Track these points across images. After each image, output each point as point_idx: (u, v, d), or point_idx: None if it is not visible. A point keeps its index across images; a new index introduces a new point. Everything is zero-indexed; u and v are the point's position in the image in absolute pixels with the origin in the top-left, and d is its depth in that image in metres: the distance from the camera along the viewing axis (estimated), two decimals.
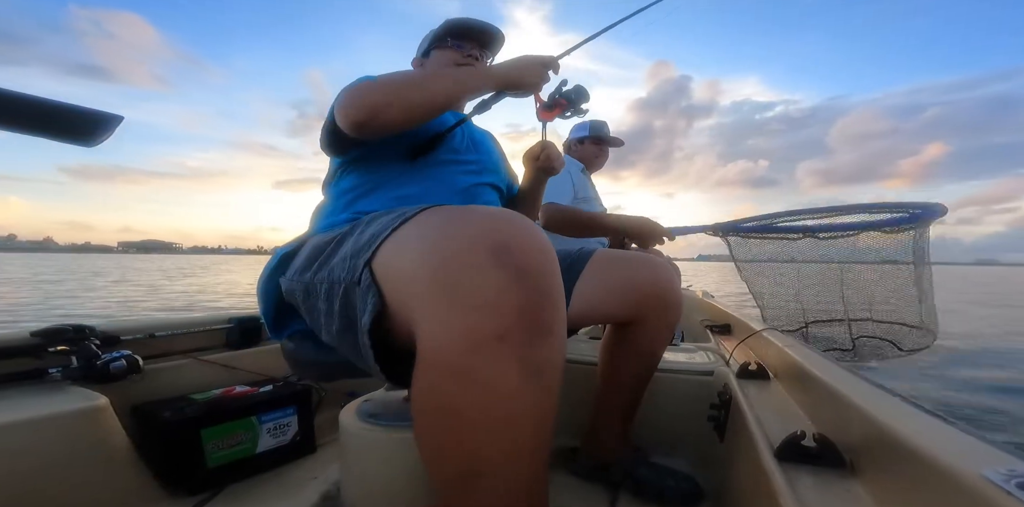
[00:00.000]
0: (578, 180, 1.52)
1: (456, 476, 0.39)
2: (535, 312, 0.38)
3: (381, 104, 0.61)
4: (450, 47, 0.83)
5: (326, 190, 0.78)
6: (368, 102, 0.61)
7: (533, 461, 0.40)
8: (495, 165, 0.85)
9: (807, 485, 0.47)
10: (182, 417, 0.80)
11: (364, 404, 0.75)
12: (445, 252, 0.40)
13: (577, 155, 1.68)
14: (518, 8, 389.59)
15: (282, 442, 0.92)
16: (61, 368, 0.79)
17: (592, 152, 1.68)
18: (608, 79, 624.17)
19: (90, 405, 0.73)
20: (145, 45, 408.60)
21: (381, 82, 0.63)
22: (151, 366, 0.92)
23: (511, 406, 0.37)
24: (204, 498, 0.79)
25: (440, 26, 0.83)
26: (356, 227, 0.56)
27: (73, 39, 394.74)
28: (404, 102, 0.62)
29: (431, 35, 0.85)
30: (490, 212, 0.43)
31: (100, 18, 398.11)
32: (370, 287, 0.46)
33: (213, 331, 1.09)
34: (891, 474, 0.43)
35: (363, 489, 0.70)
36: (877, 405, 0.51)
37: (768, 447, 0.55)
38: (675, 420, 0.97)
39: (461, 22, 0.82)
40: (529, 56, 0.71)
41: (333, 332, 0.53)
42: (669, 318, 0.83)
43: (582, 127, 1.69)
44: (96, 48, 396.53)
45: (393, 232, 0.47)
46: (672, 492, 0.79)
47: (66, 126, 0.30)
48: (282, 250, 0.68)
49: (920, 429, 0.43)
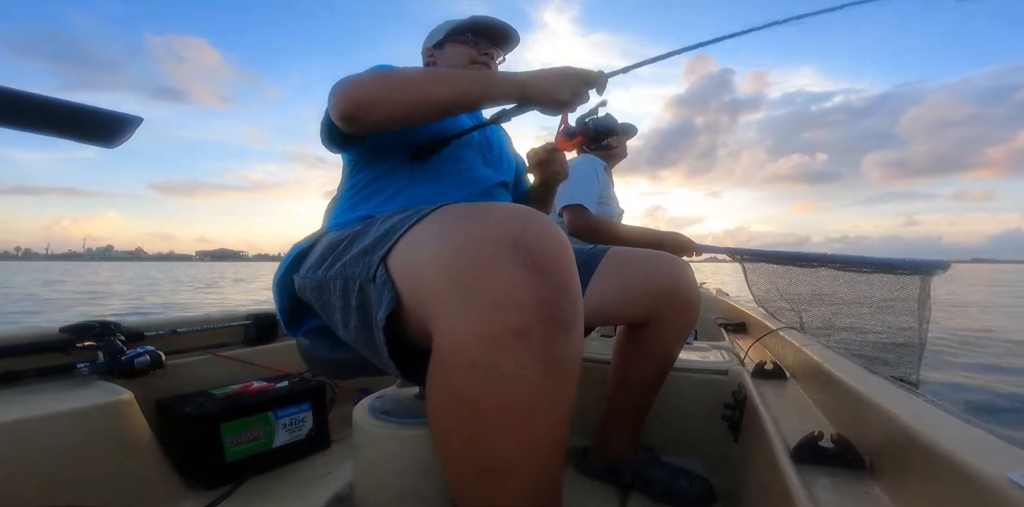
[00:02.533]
0: (603, 179, 1.50)
1: (473, 473, 0.39)
2: (554, 308, 0.38)
3: (367, 101, 0.59)
4: (468, 42, 0.82)
5: (341, 188, 0.78)
6: (355, 97, 0.59)
7: (550, 459, 0.40)
8: (509, 163, 0.85)
9: (824, 487, 0.46)
10: (203, 412, 0.83)
11: (376, 401, 0.76)
12: (463, 248, 0.40)
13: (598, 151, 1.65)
14: (547, 10, 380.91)
15: (297, 437, 0.94)
16: (88, 363, 0.82)
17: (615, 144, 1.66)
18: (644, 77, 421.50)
19: (116, 399, 0.75)
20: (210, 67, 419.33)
21: (377, 78, 0.61)
22: (173, 361, 0.95)
23: (530, 403, 0.37)
24: (224, 492, 0.81)
25: (461, 21, 0.82)
26: (371, 225, 0.57)
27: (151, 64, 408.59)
28: (394, 103, 0.59)
29: (447, 27, 0.83)
30: (507, 208, 0.43)
31: (172, 43, 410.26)
32: (386, 283, 0.46)
33: (232, 328, 1.12)
34: (912, 476, 0.42)
35: (375, 485, 0.71)
36: (898, 405, 0.50)
37: (784, 448, 0.54)
38: (688, 420, 0.95)
39: (485, 20, 0.82)
40: (571, 69, 0.64)
41: (350, 328, 0.53)
42: (687, 318, 0.81)
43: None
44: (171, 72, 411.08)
45: (409, 229, 0.47)
46: (684, 493, 0.78)
47: (90, 128, 0.31)
48: (297, 248, 0.69)
49: (942, 430, 0.42)
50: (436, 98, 0.60)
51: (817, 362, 0.77)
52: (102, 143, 0.31)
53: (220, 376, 1.01)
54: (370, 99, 0.59)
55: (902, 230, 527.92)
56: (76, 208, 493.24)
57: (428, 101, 0.60)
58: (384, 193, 0.71)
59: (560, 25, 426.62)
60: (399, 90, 0.60)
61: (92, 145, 0.31)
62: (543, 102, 0.64)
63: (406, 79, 0.62)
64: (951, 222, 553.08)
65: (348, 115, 0.59)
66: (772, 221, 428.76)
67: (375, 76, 0.61)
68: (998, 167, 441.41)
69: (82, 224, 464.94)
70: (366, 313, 0.50)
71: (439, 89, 0.61)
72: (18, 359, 0.79)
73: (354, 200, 0.72)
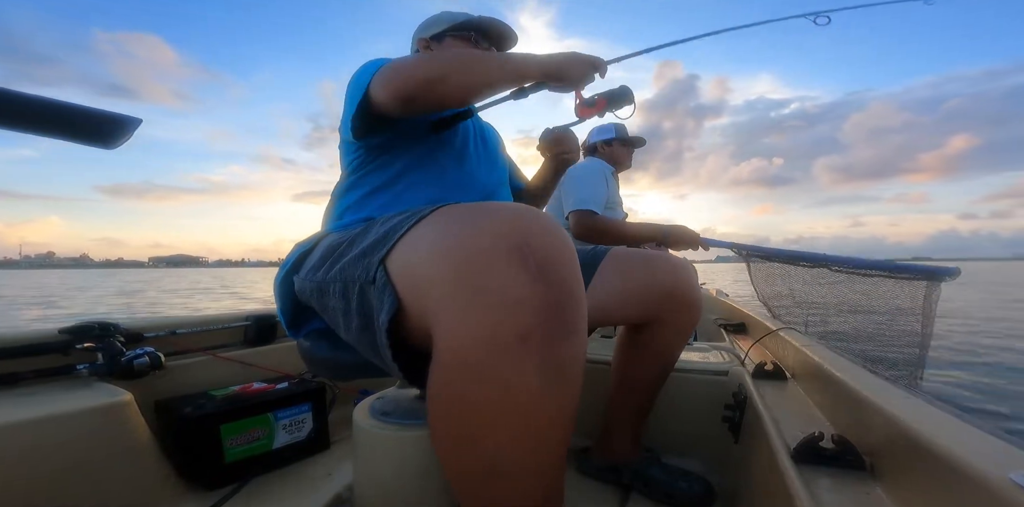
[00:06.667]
0: (611, 184, 1.50)
1: (474, 476, 0.39)
2: (558, 311, 0.37)
3: (436, 77, 0.60)
4: (470, 40, 0.83)
5: (339, 189, 0.78)
6: (421, 75, 0.60)
7: (552, 461, 0.40)
8: (502, 163, 0.85)
9: (825, 487, 0.46)
10: (202, 413, 0.82)
11: (376, 402, 0.76)
12: (464, 250, 0.39)
13: (606, 157, 1.63)
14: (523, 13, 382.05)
15: (297, 438, 0.94)
16: (88, 365, 0.82)
17: (622, 154, 1.65)
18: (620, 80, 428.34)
19: (115, 400, 0.75)
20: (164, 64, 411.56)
21: (430, 58, 0.62)
22: (172, 362, 0.95)
23: (533, 406, 0.37)
24: (224, 494, 0.81)
25: (467, 19, 0.83)
26: (370, 227, 0.56)
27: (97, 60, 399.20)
28: (459, 78, 0.61)
29: (449, 21, 0.83)
30: (509, 208, 0.42)
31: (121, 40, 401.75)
32: (386, 286, 0.46)
33: (231, 329, 1.11)
34: (913, 476, 0.42)
35: (375, 486, 0.71)
36: (899, 406, 0.50)
37: (784, 448, 0.54)
38: (689, 420, 0.95)
39: (491, 21, 0.83)
40: (578, 53, 0.69)
41: (351, 330, 0.53)
42: (688, 320, 0.81)
43: (606, 129, 1.65)
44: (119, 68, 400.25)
45: (409, 230, 0.47)
46: (684, 494, 0.78)
47: (88, 129, 0.31)
48: (298, 250, 0.69)
49: (944, 430, 0.42)
50: (488, 79, 0.62)
51: (817, 363, 0.77)
52: (101, 144, 0.31)
53: (220, 377, 1.00)
54: (439, 75, 0.60)
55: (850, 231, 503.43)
56: (10, 212, 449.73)
57: (483, 82, 0.62)
58: (386, 194, 0.71)
59: (536, 29, 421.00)
60: (459, 70, 0.61)
61: (91, 146, 0.31)
62: (561, 79, 0.67)
63: (460, 59, 0.63)
64: (892, 223, 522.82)
65: (413, 94, 0.60)
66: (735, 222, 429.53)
67: (431, 57, 0.63)
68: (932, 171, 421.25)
69: (18, 229, 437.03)
70: (367, 315, 0.50)
71: (489, 71, 0.62)
72: (17, 360, 0.78)
73: (355, 201, 0.72)
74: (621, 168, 1.67)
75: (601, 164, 1.54)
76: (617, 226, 1.36)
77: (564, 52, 0.68)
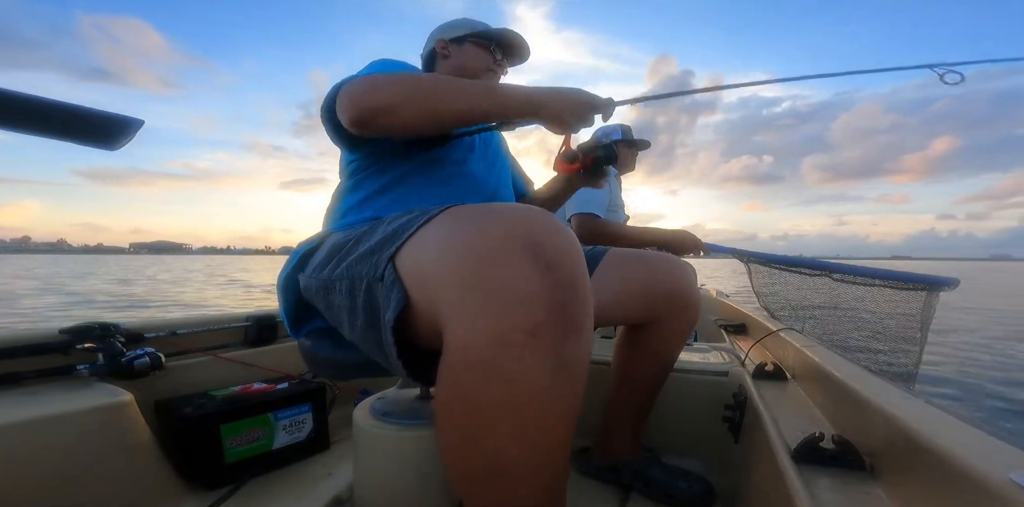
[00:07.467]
0: (614, 188, 1.50)
1: (479, 474, 0.39)
2: (566, 308, 0.38)
3: (384, 107, 0.57)
4: (489, 50, 0.84)
5: (342, 187, 0.77)
6: (370, 102, 0.57)
7: (557, 459, 0.40)
8: (505, 163, 0.85)
9: (825, 488, 0.46)
10: (202, 413, 0.82)
11: (377, 402, 0.76)
12: (475, 248, 0.40)
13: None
14: (520, 4, 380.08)
15: (298, 439, 0.94)
16: (88, 365, 0.82)
17: (626, 156, 1.65)
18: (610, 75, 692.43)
19: (116, 401, 0.75)
20: (150, 49, 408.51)
21: (395, 81, 0.59)
22: (173, 363, 0.95)
23: (541, 403, 0.37)
24: (224, 494, 0.81)
25: (489, 29, 0.83)
26: (377, 225, 0.56)
27: (81, 44, 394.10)
28: (413, 109, 0.57)
29: (471, 27, 0.83)
30: (517, 209, 0.43)
31: (105, 23, 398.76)
32: (394, 283, 0.46)
33: (232, 329, 1.11)
34: (913, 477, 0.42)
35: (375, 486, 0.71)
36: (899, 407, 0.50)
37: (785, 448, 0.54)
38: (689, 421, 0.95)
39: (513, 35, 0.84)
40: (582, 93, 0.64)
41: (356, 328, 0.53)
42: (687, 320, 0.81)
43: (611, 130, 1.64)
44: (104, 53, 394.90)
45: (419, 229, 0.47)
46: (684, 494, 0.78)
47: (90, 130, 0.31)
48: (302, 248, 0.69)
49: (944, 431, 0.42)
50: (455, 109, 0.59)
51: (817, 363, 0.77)
52: (103, 145, 0.31)
53: (220, 377, 1.00)
54: (387, 105, 0.57)
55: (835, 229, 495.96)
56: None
57: (448, 111, 0.59)
58: (389, 196, 0.71)
59: (533, 21, 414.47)
60: (418, 99, 0.58)
61: (93, 147, 0.31)
62: (555, 122, 0.64)
63: (423, 87, 0.59)
64: (874, 223, 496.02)
65: (363, 120, 0.58)
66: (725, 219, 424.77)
67: (390, 81, 0.59)
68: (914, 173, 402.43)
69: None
70: (373, 313, 0.50)
71: (458, 101, 0.59)
72: (18, 360, 0.78)
73: (360, 201, 0.72)
74: (624, 170, 1.67)
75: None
76: (620, 230, 1.37)
77: (566, 89, 0.63)
